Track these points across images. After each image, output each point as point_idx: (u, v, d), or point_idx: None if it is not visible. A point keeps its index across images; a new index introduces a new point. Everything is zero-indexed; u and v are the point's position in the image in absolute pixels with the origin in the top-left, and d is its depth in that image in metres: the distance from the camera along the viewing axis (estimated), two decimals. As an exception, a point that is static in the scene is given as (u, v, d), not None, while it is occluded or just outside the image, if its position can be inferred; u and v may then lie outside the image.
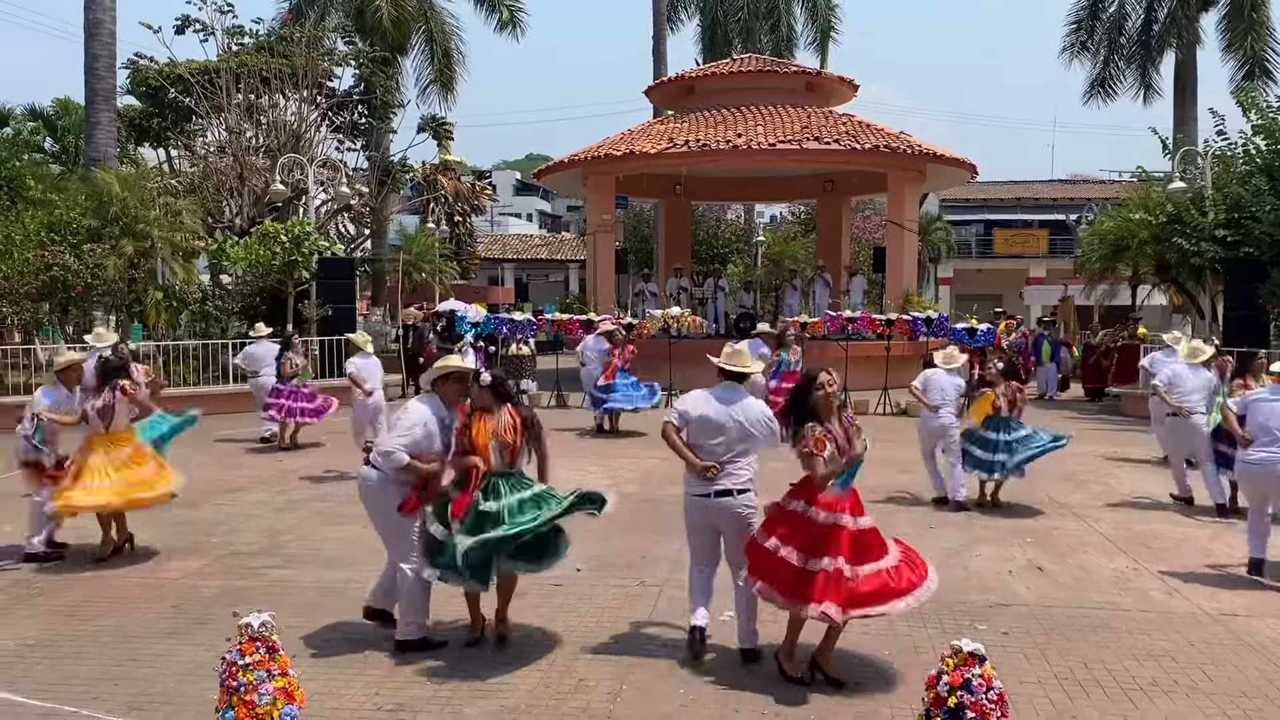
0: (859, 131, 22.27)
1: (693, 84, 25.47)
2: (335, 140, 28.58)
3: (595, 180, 23.65)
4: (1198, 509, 9.99)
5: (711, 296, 23.99)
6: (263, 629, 4.74)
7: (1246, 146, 19.00)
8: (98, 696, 5.26)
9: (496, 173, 64.48)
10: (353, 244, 30.31)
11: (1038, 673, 5.63)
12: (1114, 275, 24.15)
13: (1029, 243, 42.88)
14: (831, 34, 36.73)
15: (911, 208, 24.11)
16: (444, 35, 32.18)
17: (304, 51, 25.57)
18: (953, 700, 4.39)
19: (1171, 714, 5.12)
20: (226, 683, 4.67)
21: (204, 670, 5.38)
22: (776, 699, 5.24)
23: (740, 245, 39.54)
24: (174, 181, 24.62)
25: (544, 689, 5.35)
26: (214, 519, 9.47)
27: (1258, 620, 6.58)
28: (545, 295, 43.52)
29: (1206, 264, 18.40)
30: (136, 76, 26.63)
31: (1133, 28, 30.91)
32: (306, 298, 19.79)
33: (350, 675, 5.54)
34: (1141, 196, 21.10)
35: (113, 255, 17.46)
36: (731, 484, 5.67)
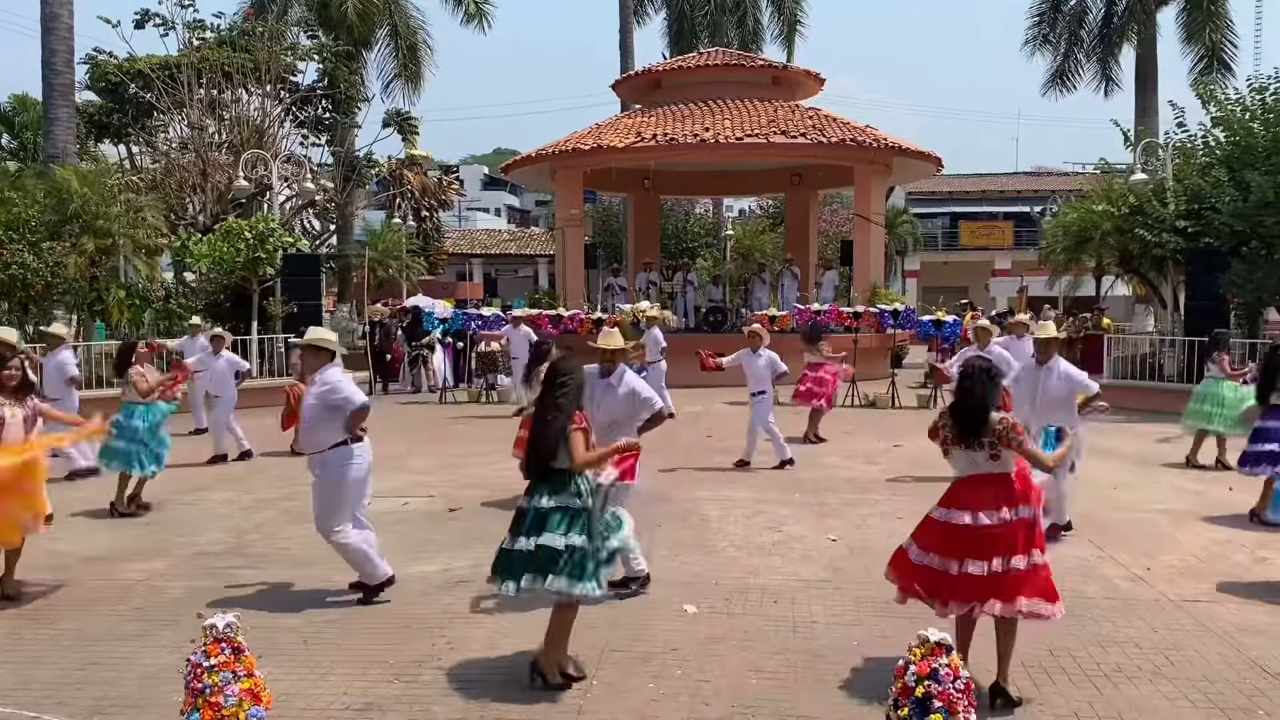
0: (825, 125, 22.35)
1: (660, 78, 25.47)
2: (299, 135, 28.31)
3: (563, 174, 23.60)
4: (1157, 499, 10.12)
5: (680, 290, 24.02)
6: (228, 630, 4.69)
7: (1206, 138, 19.24)
8: (60, 701, 5.18)
9: (464, 167, 64.20)
10: (318, 240, 30.04)
11: (1004, 661, 5.67)
12: (1078, 266, 24.41)
13: (994, 235, 43.32)
14: (798, 28, 36.87)
15: (878, 201, 24.25)
16: (409, 29, 31.96)
17: (266, 46, 25.30)
18: (920, 690, 4.43)
19: (1135, 699, 5.18)
20: (191, 685, 4.61)
21: (168, 672, 5.31)
22: (748, 692, 5.26)
23: (709, 239, 39.61)
24: (135, 178, 24.29)
25: (514, 686, 5.33)
26: (179, 518, 9.36)
27: (1219, 606, 6.67)
28: (514, 290, 43.44)
29: (1168, 255, 18.62)
30: (96, 72, 26.25)
31: (1093, 20, 31.23)
32: (271, 295, 19.60)
33: (318, 675, 5.49)
34: (1104, 188, 21.33)
35: (73, 253, 17.19)
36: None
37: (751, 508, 9.53)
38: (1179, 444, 12.61)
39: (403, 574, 7.44)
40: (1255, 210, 16.69)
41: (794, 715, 4.98)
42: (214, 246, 19.00)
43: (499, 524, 8.85)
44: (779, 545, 8.20)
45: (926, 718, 4.39)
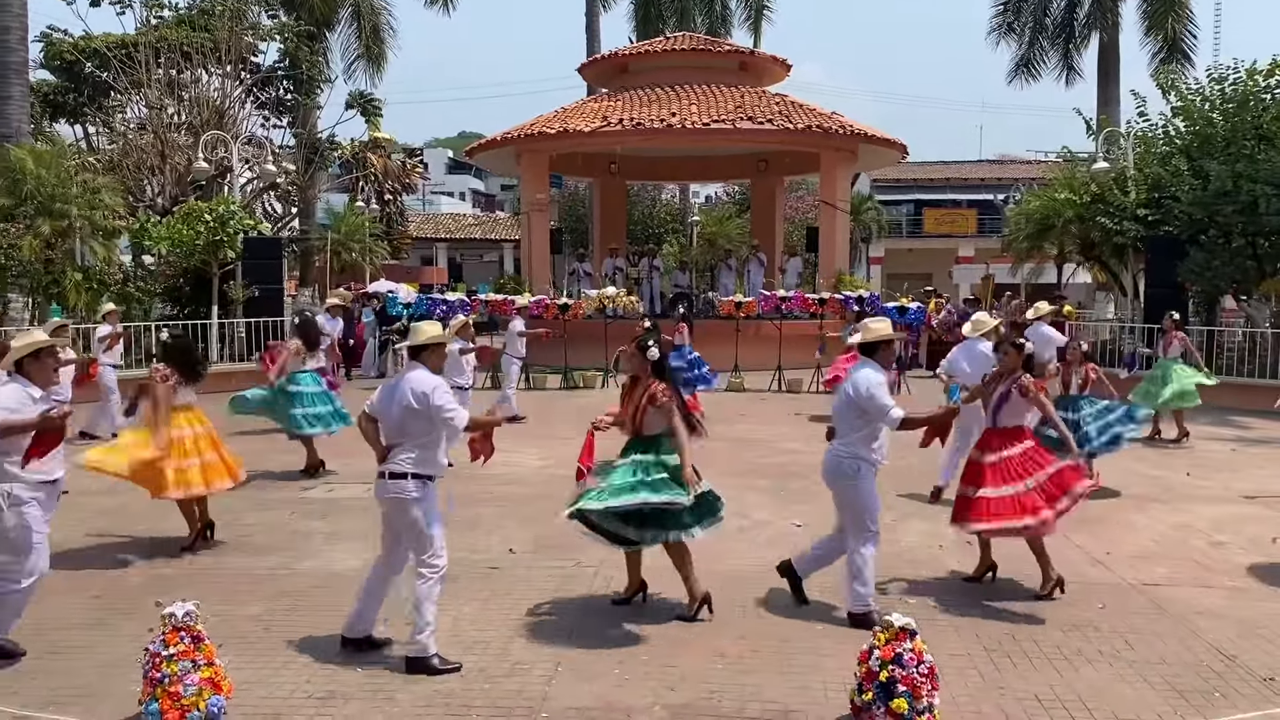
0: (792, 112, 22.37)
1: (626, 62, 25.34)
2: (260, 117, 27.94)
3: (529, 159, 23.45)
4: (1117, 484, 10.25)
5: (647, 276, 23.96)
6: (187, 618, 4.64)
7: (1167, 128, 19.47)
8: (15, 691, 5.09)
9: (428, 150, 63.63)
10: (279, 223, 29.66)
11: (967, 645, 5.73)
12: (1040, 254, 24.63)
13: (958, 222, 43.58)
14: (765, 13, 36.77)
15: (843, 188, 24.32)
16: (372, 10, 31.62)
17: (227, 25, 24.89)
18: (884, 674, 4.47)
19: (1095, 682, 5.24)
20: (150, 674, 4.56)
21: (127, 662, 5.23)
22: (714, 677, 5.27)
23: (675, 225, 39.56)
24: (92, 159, 23.84)
25: (479, 673, 5.31)
26: (138, 506, 9.20)
27: (1177, 590, 6.78)
28: (479, 275, 43.17)
29: (1128, 242, 18.85)
30: (50, 50, 25.72)
31: (1057, 9, 31.47)
32: (232, 278, 19.34)
33: (279, 663, 5.44)
34: (1066, 176, 21.53)
35: (28, 235, 16.84)
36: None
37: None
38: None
39: (363, 560, 7.37)
40: (1214, 199, 16.92)
41: (759, 700, 4.99)
42: (173, 229, 18.69)
43: (461, 510, 8.84)
44: (744, 531, 8.21)
45: (890, 702, 4.43)
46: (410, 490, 5.42)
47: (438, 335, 5.69)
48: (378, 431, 5.62)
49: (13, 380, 5.45)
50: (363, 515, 8.75)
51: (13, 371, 5.54)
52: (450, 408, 5.44)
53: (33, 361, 5.49)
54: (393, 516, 5.56)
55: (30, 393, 5.43)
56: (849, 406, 6.16)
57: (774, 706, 4.93)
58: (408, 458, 5.45)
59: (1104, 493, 9.79)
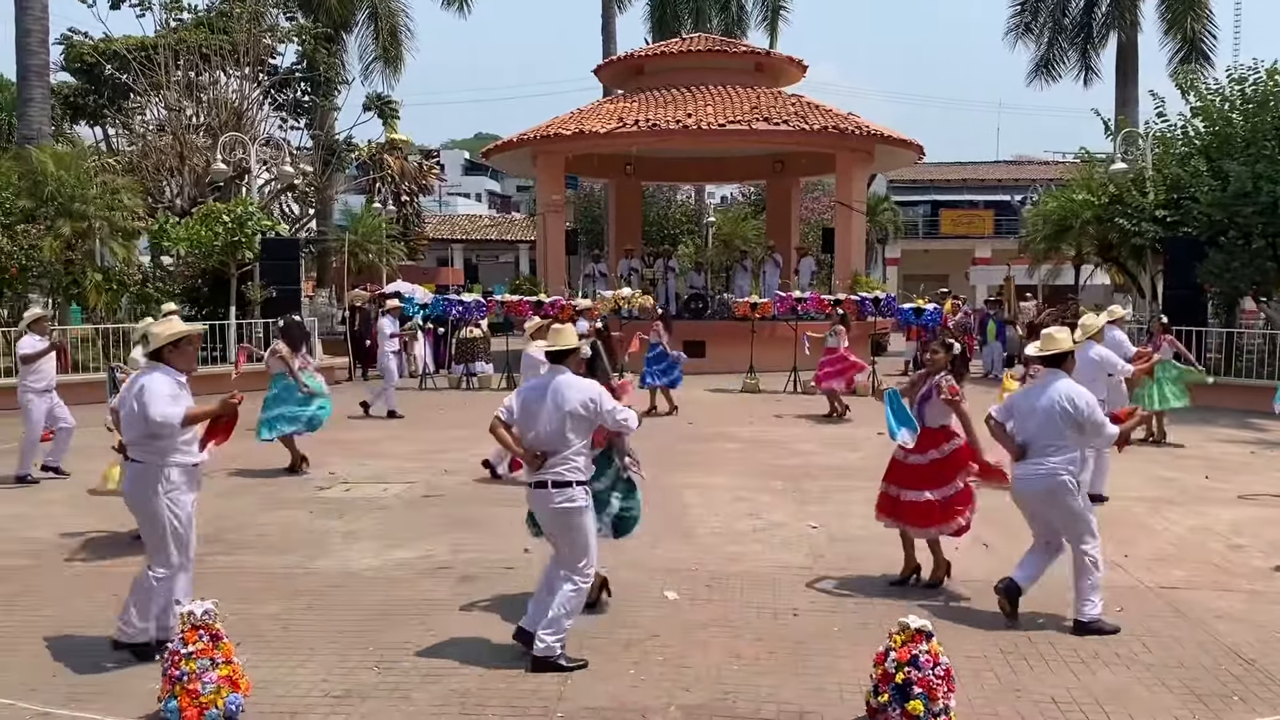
0: (808, 112, 22.33)
1: (642, 63, 25.36)
2: (278, 118, 28.06)
3: (545, 160, 23.48)
4: (1133, 487, 10.19)
5: (662, 277, 23.95)
6: (205, 617, 4.67)
7: (1186, 128, 19.34)
8: (35, 689, 5.13)
9: (444, 152, 63.79)
10: (297, 224, 29.79)
11: (983, 647, 5.71)
12: (1058, 255, 24.53)
13: (975, 223, 43.44)
14: (781, 14, 36.72)
15: (859, 188, 24.27)
16: (389, 11, 31.75)
17: (245, 27, 25.03)
18: (900, 676, 4.46)
19: (1112, 685, 5.22)
20: (169, 672, 4.60)
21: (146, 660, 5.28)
22: (729, 678, 5.27)
23: (691, 226, 39.55)
24: (112, 160, 24.01)
25: (494, 673, 5.32)
26: (156, 505, 9.28)
27: (1195, 593, 6.73)
28: (495, 276, 43.23)
29: (1147, 244, 18.73)
30: (71, 52, 25.93)
31: (1076, 9, 31.31)
32: (250, 279, 19.45)
33: (296, 662, 5.47)
34: (1084, 177, 21.42)
35: (49, 236, 16.98)
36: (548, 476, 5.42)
37: (732, 494, 9.55)
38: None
39: (382, 560, 7.43)
40: (1233, 200, 16.80)
41: (774, 701, 4.99)
42: (192, 230, 18.81)
43: (478, 510, 8.88)
44: (760, 532, 8.21)
45: (906, 704, 4.42)
46: (579, 499, 5.42)
47: (576, 340, 5.69)
48: (514, 436, 5.53)
49: (157, 369, 5.55)
50: (379, 515, 8.81)
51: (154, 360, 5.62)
52: (622, 411, 5.48)
53: (173, 349, 5.60)
54: (554, 524, 5.51)
55: (178, 379, 5.56)
56: (1062, 421, 5.99)
57: (789, 708, 4.92)
58: (572, 465, 5.39)
59: (1119, 496, 9.76)
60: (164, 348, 5.56)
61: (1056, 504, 6.06)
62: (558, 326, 5.74)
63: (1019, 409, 6.23)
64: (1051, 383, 6.08)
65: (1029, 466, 6.07)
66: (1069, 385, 6.04)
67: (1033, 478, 6.05)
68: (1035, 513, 6.24)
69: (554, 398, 5.39)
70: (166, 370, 5.53)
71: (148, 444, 5.44)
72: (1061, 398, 5.97)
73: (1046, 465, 6.00)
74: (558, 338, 5.61)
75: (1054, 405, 5.98)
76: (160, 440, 5.40)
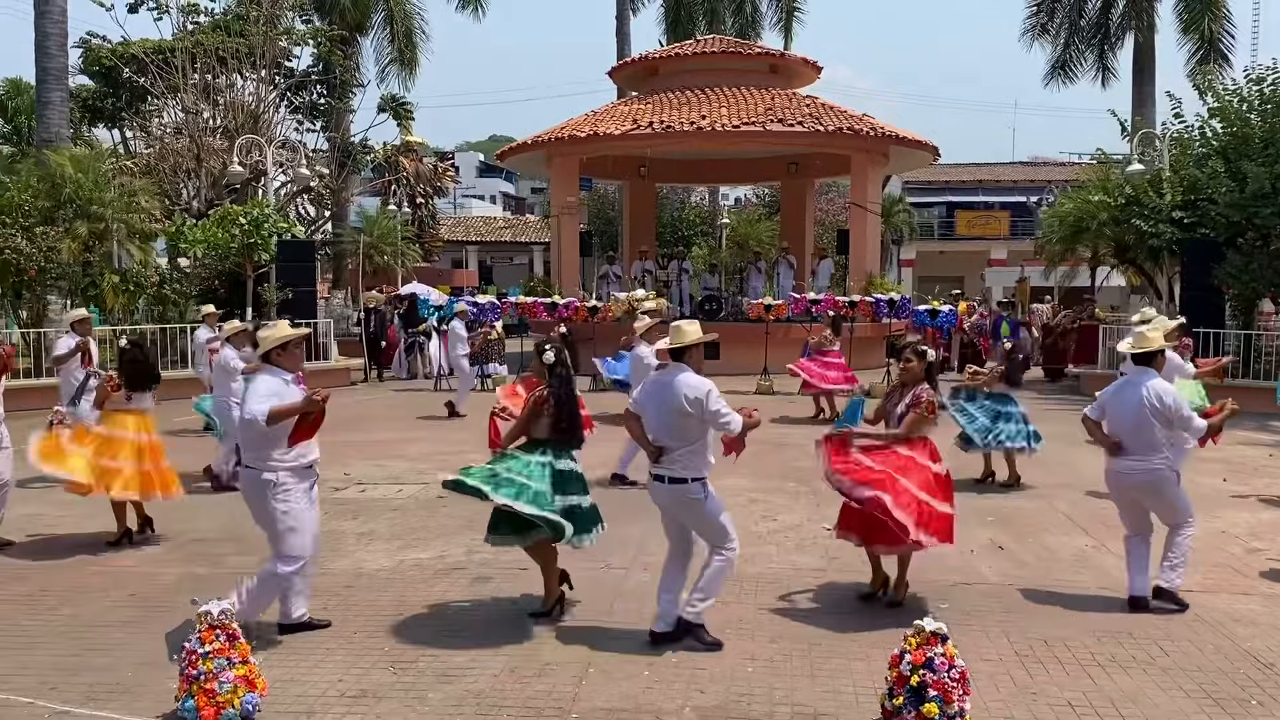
0: (822, 114, 22.30)
1: (656, 65, 25.37)
2: (294, 121, 28.23)
3: (559, 162, 23.52)
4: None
5: (676, 279, 23.97)
6: (223, 616, 4.70)
7: (1203, 129, 19.22)
8: (54, 687, 5.17)
9: (459, 154, 63.94)
10: (313, 226, 29.94)
11: (999, 650, 5.69)
12: (1073, 257, 24.39)
13: (990, 224, 43.26)
14: (795, 14, 36.67)
15: (874, 190, 24.21)
16: (405, 14, 31.83)
17: (261, 30, 25.16)
18: (915, 679, 4.44)
19: (1129, 689, 5.19)
20: (186, 671, 4.62)
21: (163, 659, 5.31)
22: (744, 679, 5.26)
23: (705, 228, 39.54)
24: (129, 163, 24.18)
25: (509, 673, 5.34)
26: (172, 505, 9.32)
27: (1213, 596, 6.69)
28: (509, 278, 43.33)
29: (1164, 245, 18.61)
30: (89, 56, 26.13)
31: (1092, 10, 31.17)
32: (266, 281, 19.54)
33: (312, 662, 5.49)
34: (1100, 178, 21.30)
35: (66, 238, 17.11)
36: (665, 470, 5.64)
37: (746, 496, 9.53)
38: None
39: (397, 560, 7.45)
40: (1251, 201, 16.69)
41: (789, 704, 4.99)
42: (209, 232, 18.92)
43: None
44: (774, 534, 8.20)
45: (921, 706, 4.41)
46: (694, 493, 5.60)
47: (700, 336, 5.80)
48: (643, 429, 5.73)
49: (265, 370, 5.84)
50: (394, 516, 8.84)
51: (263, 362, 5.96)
52: (725, 412, 5.55)
53: (281, 352, 5.86)
54: (678, 515, 5.76)
55: (284, 378, 5.81)
56: (1154, 417, 6.22)
57: (804, 710, 4.92)
58: (685, 462, 5.58)
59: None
60: (272, 350, 5.85)
61: (1159, 495, 6.39)
62: (678, 324, 5.89)
63: (1111, 406, 6.51)
64: (1142, 380, 6.34)
65: (1129, 461, 6.35)
66: (1158, 382, 6.30)
67: (1134, 472, 6.34)
68: (1133, 503, 6.52)
69: (666, 394, 5.61)
70: (274, 371, 5.82)
71: (256, 449, 5.69)
72: (1151, 394, 6.23)
73: (1145, 460, 6.28)
74: (677, 335, 5.79)
75: (1144, 402, 6.23)
76: (263, 443, 5.63)
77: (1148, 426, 6.24)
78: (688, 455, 5.58)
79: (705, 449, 5.66)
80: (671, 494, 5.64)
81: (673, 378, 5.65)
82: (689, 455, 5.58)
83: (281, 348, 5.87)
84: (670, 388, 5.59)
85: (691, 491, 5.59)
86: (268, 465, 5.66)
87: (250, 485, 5.76)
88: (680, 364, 5.71)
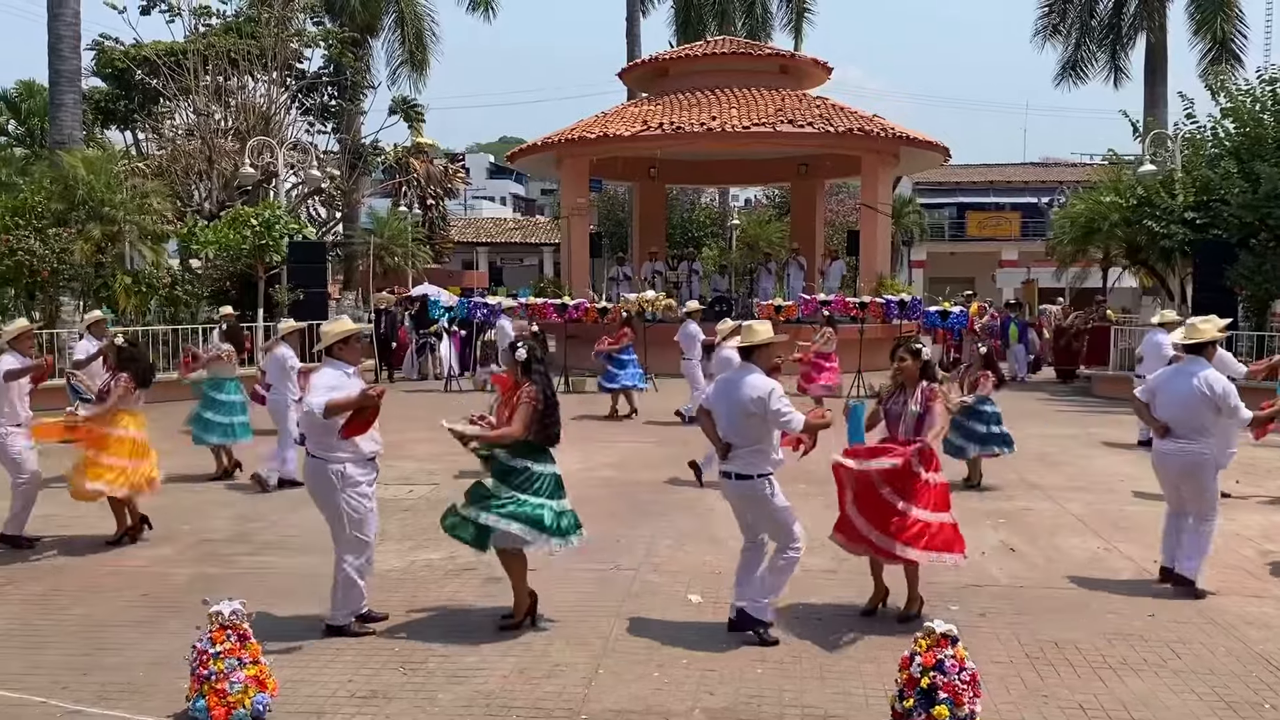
0: (833, 114, 22.27)
1: (667, 66, 25.37)
2: (305, 123, 28.35)
3: (569, 163, 23.54)
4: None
5: (686, 280, 23.96)
6: (234, 617, 4.72)
7: (1215, 129, 19.14)
8: (66, 686, 5.19)
9: (469, 155, 64.17)
10: (324, 228, 30.04)
11: (1010, 652, 5.67)
12: (1085, 258, 24.31)
13: (1001, 225, 43.15)
14: (806, 15, 36.63)
15: (885, 191, 24.17)
16: (415, 15, 31.91)
17: (272, 32, 25.25)
18: (925, 681, 4.43)
19: (1141, 692, 5.17)
20: (197, 671, 4.64)
21: (174, 659, 5.33)
22: (754, 681, 5.26)
23: (715, 229, 39.52)
24: (141, 165, 24.29)
25: (519, 674, 5.34)
26: (184, 506, 9.37)
27: (1226, 599, 6.65)
28: (519, 279, 43.41)
29: (1176, 246, 18.54)
30: (102, 58, 26.25)
31: (1104, 10, 31.05)
32: (277, 282, 19.61)
33: (323, 662, 5.50)
34: (1112, 179, 21.22)
35: (79, 239, 17.19)
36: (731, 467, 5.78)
37: (757, 498, 9.51)
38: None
39: (408, 561, 7.46)
40: (1264, 202, 16.61)
41: (798, 705, 4.98)
42: (220, 233, 18.99)
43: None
44: (784, 535, 8.17)
45: (931, 709, 4.39)
46: (759, 490, 5.74)
47: (770, 335, 5.93)
48: (714, 425, 5.88)
49: (327, 363, 5.99)
50: (404, 516, 8.85)
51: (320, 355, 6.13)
52: (786, 412, 5.67)
53: (343, 346, 6.06)
54: (745, 511, 5.91)
55: (345, 371, 5.96)
56: (1204, 404, 6.58)
57: (814, 712, 4.91)
58: (750, 460, 5.73)
59: (1148, 500, 9.66)
60: (335, 344, 6.02)
61: (1195, 479, 6.68)
62: (750, 324, 6.05)
63: (1162, 391, 6.84)
64: (1194, 369, 6.69)
65: (1171, 443, 6.71)
66: (1210, 371, 6.65)
67: (1175, 454, 6.69)
68: (1174, 485, 6.87)
69: (734, 394, 5.76)
70: (335, 364, 5.96)
71: (321, 439, 5.80)
72: (1202, 383, 6.57)
73: (1187, 444, 6.61)
74: (748, 334, 5.94)
75: (1195, 389, 6.57)
76: (327, 434, 5.74)
77: (1196, 412, 6.58)
78: (753, 453, 5.72)
79: (771, 448, 5.80)
80: (737, 490, 5.79)
81: (741, 378, 5.80)
82: (754, 453, 5.73)
83: (343, 341, 6.04)
84: (738, 387, 5.75)
85: (756, 488, 5.72)
86: (334, 456, 5.78)
87: (317, 476, 5.86)
88: (749, 364, 5.85)
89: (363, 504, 5.90)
